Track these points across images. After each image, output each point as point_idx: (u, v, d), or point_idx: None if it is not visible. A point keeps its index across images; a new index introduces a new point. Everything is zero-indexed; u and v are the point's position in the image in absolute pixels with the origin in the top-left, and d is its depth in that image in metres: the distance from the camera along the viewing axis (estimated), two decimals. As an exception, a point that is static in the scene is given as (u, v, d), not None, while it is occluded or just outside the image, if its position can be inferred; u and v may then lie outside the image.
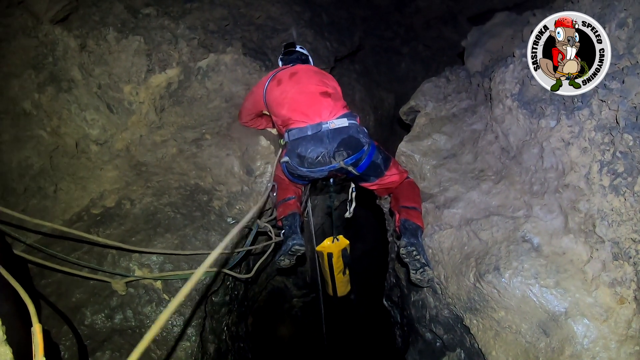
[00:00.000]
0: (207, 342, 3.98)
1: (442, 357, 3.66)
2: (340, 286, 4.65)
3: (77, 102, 4.02)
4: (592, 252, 2.74)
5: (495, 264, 2.94)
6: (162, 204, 3.93)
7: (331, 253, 4.27)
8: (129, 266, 3.57)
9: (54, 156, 3.97)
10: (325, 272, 4.52)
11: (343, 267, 4.44)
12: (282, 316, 7.69)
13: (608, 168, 2.72)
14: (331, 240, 4.24)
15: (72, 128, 4.01)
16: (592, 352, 2.52)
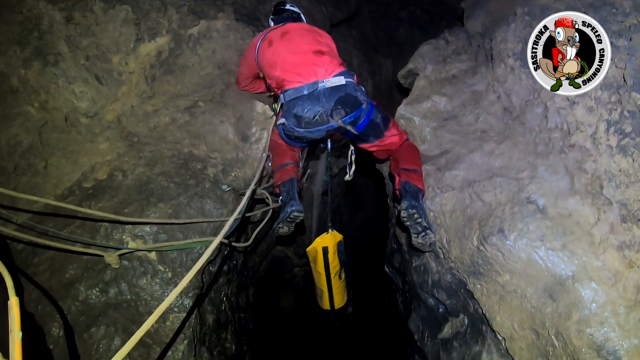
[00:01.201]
0: (206, 313, 3.95)
1: (444, 323, 3.62)
2: (337, 294, 4.40)
3: (65, 75, 3.91)
4: (599, 214, 2.66)
5: (500, 226, 2.85)
6: (155, 174, 3.84)
7: (326, 247, 4.08)
8: (122, 238, 3.51)
9: (43, 132, 3.89)
10: (320, 276, 4.28)
11: (339, 267, 4.25)
12: (283, 286, 7.69)
13: (615, 128, 2.63)
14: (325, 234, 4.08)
15: (60, 102, 3.91)
16: (601, 318, 2.44)
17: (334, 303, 4.40)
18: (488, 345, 3.08)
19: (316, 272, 4.29)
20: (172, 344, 3.43)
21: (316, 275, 4.33)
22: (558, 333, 2.55)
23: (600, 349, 2.38)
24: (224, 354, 4.24)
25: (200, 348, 3.75)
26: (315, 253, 4.12)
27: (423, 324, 3.97)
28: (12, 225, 3.42)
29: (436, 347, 3.71)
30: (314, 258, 4.20)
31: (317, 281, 4.40)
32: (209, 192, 3.85)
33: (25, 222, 3.47)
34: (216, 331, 4.15)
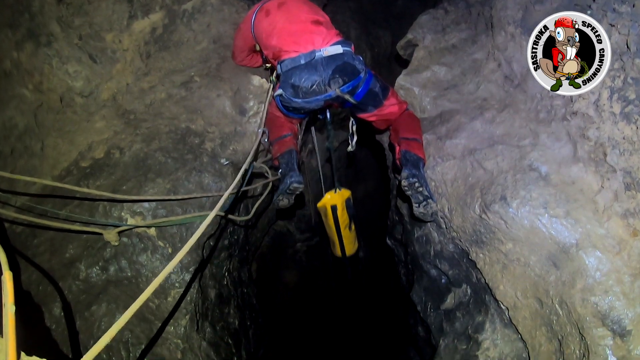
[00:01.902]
0: (207, 287, 3.95)
1: (447, 293, 3.62)
2: (348, 244, 4.50)
3: (58, 55, 3.84)
4: (603, 182, 2.62)
5: (502, 193, 2.82)
6: (153, 150, 3.80)
7: (335, 205, 4.13)
8: (121, 215, 3.49)
9: (38, 113, 3.85)
10: (331, 230, 4.37)
11: (349, 220, 4.30)
12: (286, 262, 7.70)
13: (619, 95, 2.57)
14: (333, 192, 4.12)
15: (54, 83, 3.84)
16: (605, 286, 2.41)
17: (345, 251, 4.51)
18: (491, 315, 3.08)
19: (327, 225, 4.37)
20: (174, 319, 3.43)
21: (327, 228, 4.42)
22: (562, 301, 2.53)
23: (604, 318, 2.36)
24: (227, 329, 4.25)
25: (203, 323, 3.76)
26: (325, 210, 4.19)
27: (426, 295, 3.96)
28: (11, 208, 3.41)
29: (439, 318, 3.71)
30: (324, 213, 4.27)
31: (328, 232, 4.50)
32: (207, 166, 3.81)
33: (24, 204, 3.46)
34: (219, 306, 4.15)
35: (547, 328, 2.66)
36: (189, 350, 3.49)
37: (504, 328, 3.00)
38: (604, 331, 2.36)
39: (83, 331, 3.22)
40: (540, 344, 2.70)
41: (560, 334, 2.57)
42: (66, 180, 3.68)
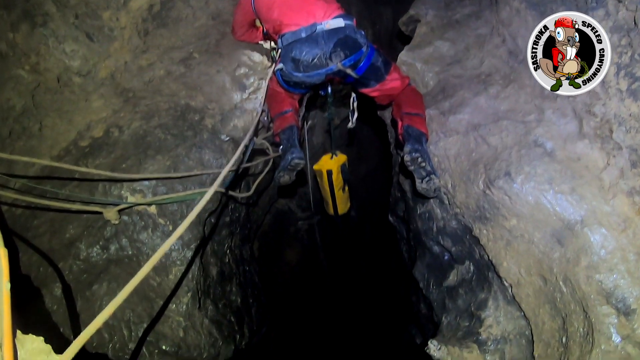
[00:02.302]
0: (209, 265, 3.95)
1: (450, 270, 3.60)
2: (341, 204, 4.62)
3: (54, 35, 3.81)
4: (608, 159, 2.58)
5: (506, 169, 2.78)
6: (152, 127, 3.79)
7: (330, 170, 4.20)
8: (121, 194, 3.48)
9: (35, 94, 3.84)
10: (325, 191, 4.46)
11: (343, 183, 4.39)
12: (288, 240, 7.71)
13: (626, 71, 2.52)
14: (329, 157, 4.16)
15: (51, 63, 3.82)
16: (610, 264, 2.38)
17: (338, 210, 4.68)
18: (494, 292, 3.06)
19: (322, 187, 4.49)
20: (175, 296, 3.44)
21: (322, 189, 4.55)
22: (566, 279, 2.50)
23: (609, 296, 2.33)
24: (229, 307, 4.26)
25: (205, 300, 3.76)
26: (321, 174, 4.28)
27: (428, 272, 3.95)
28: (10, 190, 3.42)
29: (442, 295, 3.70)
30: (320, 176, 4.35)
31: (323, 193, 4.62)
32: (207, 142, 3.80)
33: (23, 185, 3.47)
34: (220, 284, 4.16)
35: (551, 305, 2.63)
36: (191, 327, 3.51)
37: (507, 305, 2.97)
38: (608, 309, 2.33)
39: (84, 311, 3.22)
40: (544, 321, 2.68)
41: (564, 311, 2.54)
42: (65, 160, 3.68)
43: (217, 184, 2.11)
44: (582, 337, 2.42)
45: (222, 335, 3.86)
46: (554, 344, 2.61)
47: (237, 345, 4.16)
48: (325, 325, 8.35)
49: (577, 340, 2.44)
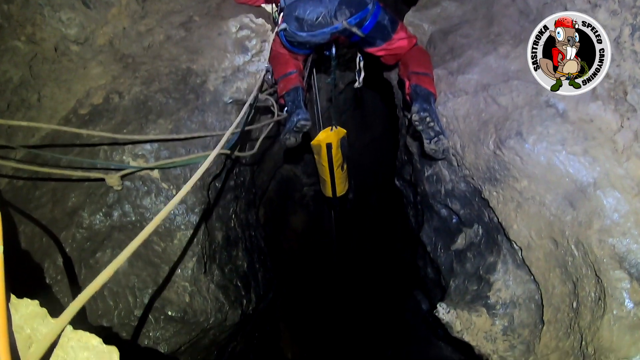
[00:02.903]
0: (214, 229, 3.94)
1: (458, 234, 3.57)
2: (340, 184, 4.52)
3: (50, 4, 3.70)
4: (622, 121, 2.49)
5: (517, 129, 2.71)
6: (153, 91, 3.71)
7: (330, 144, 4.09)
8: (123, 159, 3.42)
9: (33, 65, 3.75)
10: (323, 169, 4.35)
11: (342, 160, 4.29)
12: (294, 207, 7.71)
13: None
14: (329, 130, 4.05)
15: (48, 32, 3.72)
16: (623, 228, 2.32)
17: (336, 191, 4.56)
18: (503, 255, 3.03)
19: (320, 164, 4.36)
20: (180, 262, 3.43)
21: (320, 167, 4.42)
22: (578, 242, 2.46)
23: (622, 261, 2.29)
24: (235, 272, 4.26)
25: (211, 265, 3.76)
26: (319, 148, 4.15)
27: (436, 236, 3.92)
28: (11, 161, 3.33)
29: (449, 258, 3.68)
30: (318, 152, 4.23)
31: (320, 172, 4.51)
32: (210, 105, 3.74)
33: (24, 156, 3.44)
34: (226, 248, 4.16)
35: (562, 270, 2.60)
36: (197, 293, 3.49)
37: (517, 269, 2.95)
38: (621, 274, 2.29)
39: (88, 279, 3.17)
40: (554, 285, 2.65)
41: (575, 275, 2.51)
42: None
43: (222, 144, 2.05)
44: (593, 302, 2.40)
45: (229, 300, 3.86)
46: (564, 308, 2.59)
47: (244, 310, 4.18)
48: (331, 292, 8.39)
49: (588, 305, 2.42)
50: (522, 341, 2.81)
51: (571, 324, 2.51)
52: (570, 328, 2.52)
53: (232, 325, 3.99)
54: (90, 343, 1.37)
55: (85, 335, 1.38)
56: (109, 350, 1.39)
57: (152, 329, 3.32)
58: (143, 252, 3.33)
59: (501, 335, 2.87)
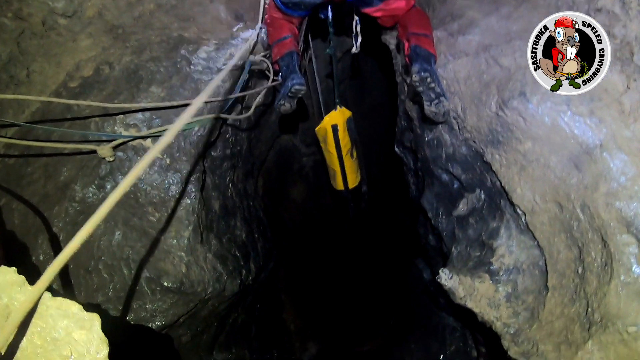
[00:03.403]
0: (211, 199, 3.91)
1: (460, 199, 3.51)
2: (351, 173, 4.38)
3: None
4: (629, 83, 2.43)
5: (521, 89, 2.64)
6: (144, 60, 3.67)
7: (335, 125, 3.99)
8: (115, 130, 3.39)
9: (21, 41, 3.72)
10: (332, 156, 4.24)
11: (350, 144, 4.18)
12: (293, 178, 7.67)
13: (648, -8, 2.36)
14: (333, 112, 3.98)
15: (34, 7, 3.67)
16: (630, 191, 2.27)
17: (348, 183, 4.42)
18: (507, 220, 2.97)
19: (327, 152, 4.25)
20: (176, 232, 3.40)
21: (328, 155, 4.31)
22: (584, 206, 2.40)
23: (630, 225, 2.24)
24: (234, 241, 4.24)
25: (208, 235, 3.73)
26: (324, 132, 4.06)
27: (437, 202, 3.87)
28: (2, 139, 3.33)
29: (451, 224, 3.63)
30: (324, 138, 4.13)
31: (329, 162, 4.39)
32: (203, 71, 3.67)
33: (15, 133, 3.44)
34: (224, 218, 4.12)
35: (567, 234, 2.54)
36: (194, 263, 3.46)
37: (520, 234, 2.89)
38: (629, 238, 2.24)
39: (83, 253, 3.20)
40: (559, 251, 2.60)
41: (580, 240, 2.46)
42: (55, 103, 3.57)
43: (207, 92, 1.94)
44: (600, 268, 2.35)
45: (227, 270, 3.84)
46: (569, 274, 2.54)
47: (243, 281, 4.16)
48: (332, 262, 8.38)
49: (594, 270, 2.37)
50: (526, 308, 2.76)
51: (577, 290, 2.47)
52: (575, 294, 2.48)
53: (231, 295, 3.97)
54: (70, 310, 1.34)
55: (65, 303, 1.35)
56: (90, 317, 1.36)
57: (149, 301, 3.29)
58: (137, 223, 3.31)
59: (505, 301, 2.83)
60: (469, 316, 3.05)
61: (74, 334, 1.32)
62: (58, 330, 1.32)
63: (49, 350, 1.30)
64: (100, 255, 3.21)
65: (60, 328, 1.32)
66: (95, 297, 3.16)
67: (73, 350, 1.31)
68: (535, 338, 2.60)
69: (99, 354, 1.32)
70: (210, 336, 4.25)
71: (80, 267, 3.19)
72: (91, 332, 1.33)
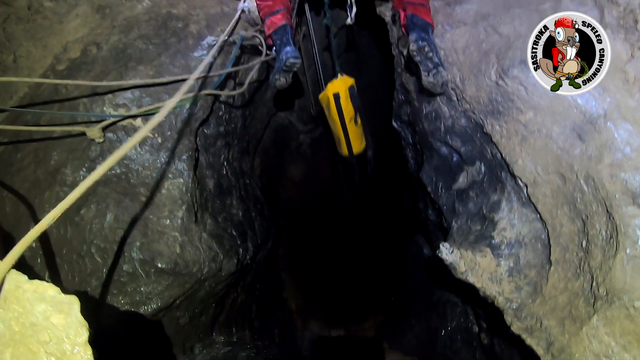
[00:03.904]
0: (205, 177, 3.87)
1: (459, 172, 3.46)
2: (355, 139, 4.31)
3: None
4: (633, 51, 2.38)
5: (521, 57, 2.57)
6: (132, 39, 3.61)
7: (337, 93, 3.91)
8: (104, 111, 3.36)
9: (6, 26, 3.72)
10: (335, 124, 4.17)
11: (354, 112, 4.09)
12: (290, 156, 7.62)
13: (652, -44, 2.30)
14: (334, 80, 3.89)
15: None
16: (636, 162, 2.22)
17: (352, 149, 4.37)
18: (508, 193, 2.92)
19: (331, 119, 4.20)
20: (169, 211, 3.36)
21: (331, 122, 4.26)
22: (588, 177, 2.35)
23: (635, 197, 2.19)
24: (230, 220, 4.19)
25: (203, 214, 3.69)
26: (327, 100, 3.99)
27: (436, 175, 3.82)
28: None
29: (451, 199, 3.59)
30: (327, 105, 4.08)
31: (333, 129, 4.34)
32: (193, 48, 3.62)
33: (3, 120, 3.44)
34: (219, 197, 4.08)
35: (570, 207, 2.49)
36: (189, 242, 3.42)
37: (522, 207, 2.84)
38: (634, 210, 2.19)
39: (75, 237, 3.18)
40: (562, 224, 2.55)
41: (584, 213, 2.40)
42: (43, 87, 3.55)
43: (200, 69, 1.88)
44: (604, 241, 2.30)
45: (223, 249, 3.79)
46: (572, 248, 2.50)
47: (241, 260, 4.12)
48: (333, 241, 8.37)
49: (599, 243, 2.32)
50: (528, 282, 2.72)
51: (581, 264, 2.42)
52: (579, 268, 2.43)
53: (229, 275, 3.93)
54: (47, 294, 1.29)
55: (42, 285, 1.30)
56: (69, 300, 1.31)
57: (144, 283, 3.27)
58: (130, 204, 3.27)
59: (507, 276, 2.78)
60: (470, 292, 3.01)
61: (52, 319, 1.27)
62: (35, 315, 1.27)
63: (27, 336, 1.25)
64: (93, 238, 3.17)
65: (37, 312, 1.27)
66: (89, 282, 3.13)
67: (52, 336, 1.26)
68: (539, 313, 2.56)
69: (79, 338, 1.27)
70: (209, 317, 4.23)
71: (73, 252, 3.15)
72: (70, 315, 1.28)
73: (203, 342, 4.23)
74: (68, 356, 1.26)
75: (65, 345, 1.27)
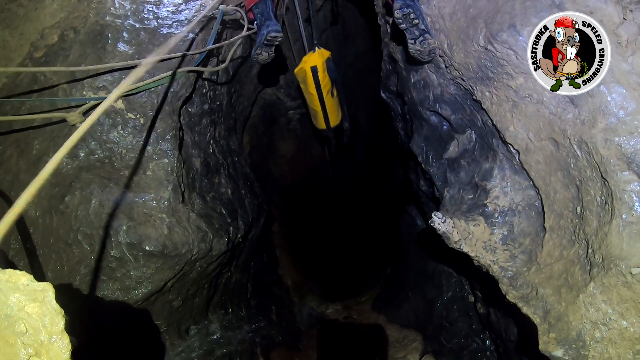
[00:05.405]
0: (191, 157, 3.81)
1: (450, 141, 3.42)
2: (332, 112, 4.35)
3: None
4: (625, 14, 2.32)
5: (510, 21, 2.50)
6: (110, 20, 3.52)
7: (315, 67, 3.91)
8: (84, 95, 3.26)
9: None
10: (312, 97, 4.18)
11: (330, 84, 4.11)
12: (280, 132, 7.61)
13: None
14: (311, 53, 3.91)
15: None
16: (630, 126, 2.18)
17: (329, 121, 4.44)
18: (500, 160, 2.88)
19: (308, 93, 4.21)
20: (155, 193, 3.31)
21: (308, 96, 4.27)
22: (581, 142, 2.30)
23: (630, 162, 2.15)
24: (219, 199, 4.15)
25: (190, 194, 3.65)
26: (304, 74, 3.99)
27: (427, 145, 3.77)
28: None
29: (442, 168, 3.55)
30: (303, 79, 4.07)
31: (309, 102, 4.36)
32: (172, 24, 3.53)
33: None
34: (207, 176, 4.03)
35: (564, 173, 2.46)
36: (176, 224, 3.37)
37: (514, 174, 2.81)
38: (630, 175, 2.16)
39: (62, 226, 3.15)
40: (556, 190, 2.52)
41: (578, 178, 2.38)
42: (21, 76, 3.47)
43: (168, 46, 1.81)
44: (599, 207, 2.28)
45: (213, 229, 3.76)
46: (567, 214, 2.47)
47: (231, 239, 4.09)
48: (328, 215, 8.37)
49: (594, 210, 2.30)
50: (523, 250, 2.70)
51: (576, 230, 2.40)
52: (574, 235, 2.41)
53: (220, 254, 3.89)
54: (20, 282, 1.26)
55: (14, 274, 1.27)
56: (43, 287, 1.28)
57: (133, 268, 3.23)
58: (114, 188, 3.21)
59: (501, 244, 2.76)
60: (465, 261, 2.99)
61: (26, 308, 1.24)
62: (10, 306, 1.24)
63: (2, 329, 1.22)
64: (79, 226, 3.13)
65: (12, 303, 1.24)
66: (79, 270, 3.11)
67: (28, 326, 1.24)
68: (534, 281, 2.55)
69: (55, 327, 1.25)
70: (203, 298, 4.21)
71: (60, 241, 3.12)
72: (44, 304, 1.25)
73: (198, 323, 4.22)
74: (46, 346, 1.24)
75: (43, 335, 1.25)
